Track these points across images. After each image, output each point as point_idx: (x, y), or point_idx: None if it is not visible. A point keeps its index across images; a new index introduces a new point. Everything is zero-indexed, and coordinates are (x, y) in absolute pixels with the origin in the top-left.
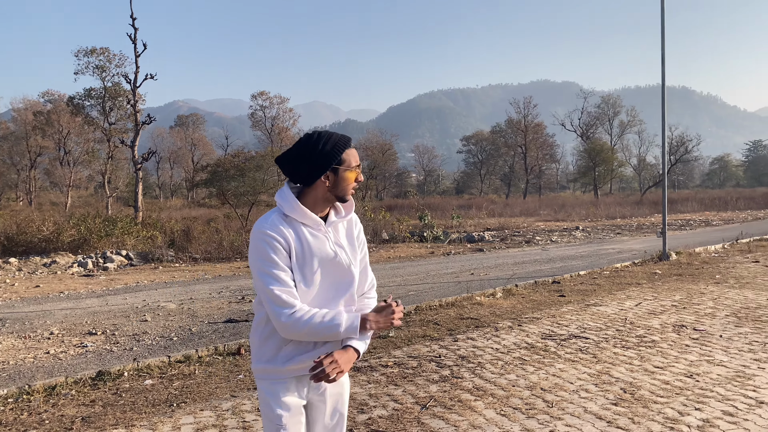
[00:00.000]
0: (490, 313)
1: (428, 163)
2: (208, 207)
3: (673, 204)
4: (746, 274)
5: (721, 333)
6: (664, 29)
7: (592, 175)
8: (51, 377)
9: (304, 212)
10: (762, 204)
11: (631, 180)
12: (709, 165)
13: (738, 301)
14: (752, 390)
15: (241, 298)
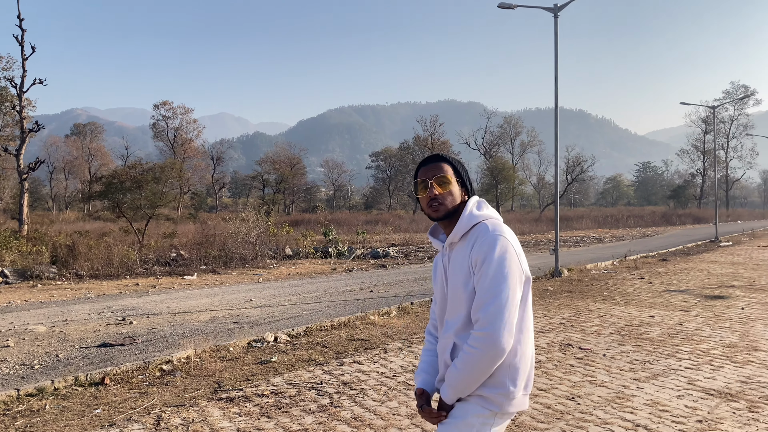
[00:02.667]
0: (382, 334)
1: (338, 178)
2: (103, 220)
3: (569, 221)
4: (632, 290)
5: (604, 352)
6: (557, 54)
7: (495, 193)
8: None
9: (432, 239)
10: (650, 222)
11: (531, 198)
12: (603, 184)
13: (622, 318)
14: (630, 412)
15: (122, 320)
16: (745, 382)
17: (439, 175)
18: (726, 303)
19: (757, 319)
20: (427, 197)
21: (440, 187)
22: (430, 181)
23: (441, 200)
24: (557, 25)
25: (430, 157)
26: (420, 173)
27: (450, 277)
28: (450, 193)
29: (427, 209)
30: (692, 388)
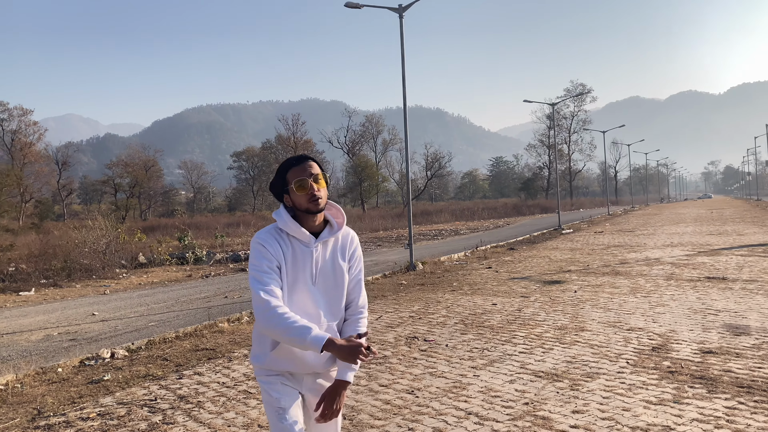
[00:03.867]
0: (229, 341)
1: (198, 180)
2: None
3: (429, 215)
4: (479, 280)
5: (447, 342)
6: (403, 53)
7: (359, 190)
8: None
9: (293, 226)
10: (503, 213)
11: (395, 194)
12: (461, 179)
13: (468, 307)
14: (464, 401)
15: None
16: (570, 362)
17: (317, 174)
18: (562, 287)
19: (586, 301)
20: (308, 194)
21: (317, 183)
22: (309, 180)
23: (321, 196)
24: (403, 25)
25: (301, 157)
26: (294, 172)
27: (324, 269)
28: (324, 190)
29: (307, 204)
30: (523, 372)
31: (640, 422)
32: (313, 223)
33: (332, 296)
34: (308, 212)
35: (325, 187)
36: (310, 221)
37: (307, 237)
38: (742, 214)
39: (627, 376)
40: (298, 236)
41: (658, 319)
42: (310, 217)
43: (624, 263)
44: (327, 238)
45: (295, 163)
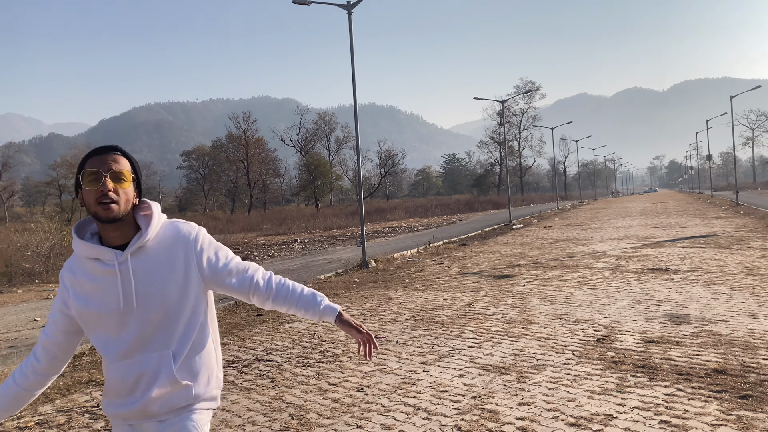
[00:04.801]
0: None
1: (147, 180)
2: None
3: (383, 213)
4: (431, 276)
5: (398, 338)
6: (353, 50)
7: (313, 188)
8: None
9: (79, 245)
10: (455, 210)
11: (349, 192)
12: (414, 176)
13: (419, 303)
14: (413, 396)
15: None
16: (517, 354)
17: (117, 170)
18: (511, 281)
19: (534, 294)
20: (97, 192)
21: (116, 182)
22: (105, 174)
23: (114, 199)
24: (351, 21)
25: (104, 147)
26: (91, 163)
27: (145, 287)
28: (125, 192)
29: (95, 207)
30: (472, 366)
31: (584, 412)
32: (116, 234)
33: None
34: (97, 218)
35: (130, 190)
36: (110, 234)
37: (105, 253)
38: (684, 207)
39: (572, 368)
40: (97, 256)
41: (603, 311)
42: (109, 229)
43: (572, 257)
44: (136, 245)
45: (97, 153)
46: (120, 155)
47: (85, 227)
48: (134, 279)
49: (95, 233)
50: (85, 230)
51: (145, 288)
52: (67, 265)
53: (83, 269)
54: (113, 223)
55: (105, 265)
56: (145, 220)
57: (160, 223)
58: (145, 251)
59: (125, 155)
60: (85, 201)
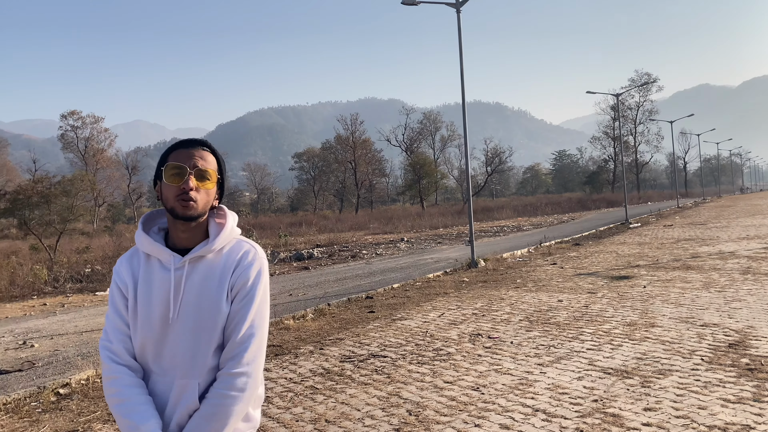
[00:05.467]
0: (295, 338)
1: (261, 182)
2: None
3: (490, 212)
4: (543, 276)
5: (512, 339)
6: (461, 48)
7: (418, 188)
8: None
9: (144, 240)
10: (567, 208)
11: (454, 191)
12: (522, 174)
13: (532, 304)
14: (531, 397)
15: (22, 343)
16: (640, 358)
17: (203, 168)
18: (630, 283)
19: (656, 296)
20: (178, 188)
21: (200, 181)
22: (190, 171)
23: (195, 198)
24: (460, 20)
25: (191, 141)
26: (175, 157)
27: (190, 299)
28: (207, 193)
29: (173, 202)
30: (592, 369)
31: (717, 421)
32: (186, 236)
33: (200, 341)
34: (173, 214)
35: (213, 191)
36: (179, 232)
37: (164, 254)
38: None
39: (702, 374)
40: (157, 255)
41: (734, 315)
42: (180, 227)
43: (696, 257)
44: (197, 252)
45: (181, 146)
46: (207, 151)
47: (152, 220)
48: (184, 290)
49: (162, 229)
50: (152, 224)
51: (195, 304)
52: (125, 258)
53: (141, 265)
54: (188, 221)
55: (162, 268)
56: (217, 228)
57: (231, 236)
58: (203, 261)
59: (213, 152)
60: (162, 195)
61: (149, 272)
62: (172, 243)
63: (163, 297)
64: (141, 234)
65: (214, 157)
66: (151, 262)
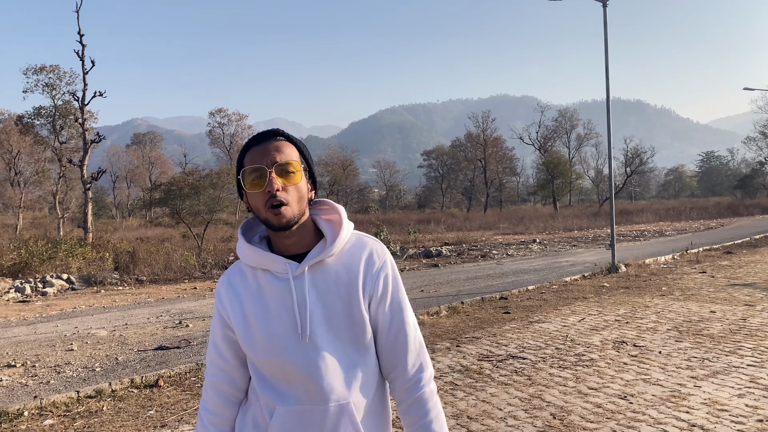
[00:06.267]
0: (431, 333)
1: (390, 179)
2: (164, 226)
3: (629, 215)
4: (692, 285)
5: (660, 349)
6: (607, 43)
7: (551, 188)
8: None
9: (249, 252)
10: (714, 214)
11: (589, 192)
12: (664, 176)
13: (681, 314)
14: (685, 411)
15: (178, 323)
16: None
17: (282, 161)
18: None
19: None
20: (264, 193)
21: (283, 177)
22: (269, 169)
23: (284, 200)
24: (606, 14)
25: (263, 134)
26: (250, 158)
27: (319, 310)
28: (297, 189)
29: (265, 212)
30: (754, 387)
31: None
32: (290, 242)
33: (342, 355)
34: (269, 226)
35: (303, 184)
36: (284, 241)
37: (278, 264)
38: None
39: None
40: (267, 266)
41: None
42: (281, 236)
43: None
44: (318, 257)
45: (255, 142)
46: (283, 140)
47: (252, 228)
48: (310, 300)
49: (265, 237)
50: (252, 232)
51: (326, 314)
52: (226, 277)
53: (247, 282)
54: (287, 230)
55: (276, 279)
56: (330, 227)
57: (348, 234)
58: (323, 266)
59: (289, 139)
60: (251, 206)
61: (259, 287)
62: (277, 251)
63: (285, 312)
64: (244, 245)
65: (292, 144)
66: (258, 276)
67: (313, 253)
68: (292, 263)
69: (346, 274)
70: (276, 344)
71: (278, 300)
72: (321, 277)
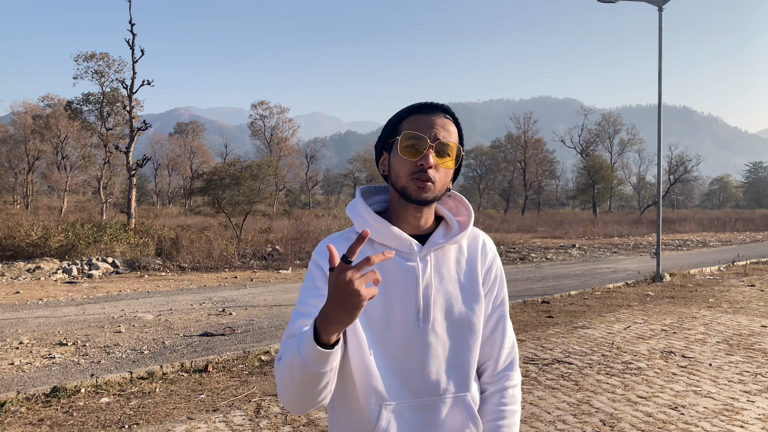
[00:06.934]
0: None
1: None
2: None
3: (671, 224)
4: (741, 298)
5: (710, 361)
6: (661, 48)
7: (591, 193)
8: (5, 391)
9: (376, 223)
10: (761, 226)
11: (630, 198)
12: (709, 185)
13: (730, 327)
14: (740, 426)
15: (221, 311)
16: None
17: (445, 141)
18: None
19: None
20: (414, 164)
21: (440, 157)
22: (431, 144)
23: (434, 178)
24: (662, 18)
25: (430, 105)
26: (413, 124)
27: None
28: (446, 173)
29: (406, 180)
30: None
31: None
32: (416, 222)
33: (460, 346)
34: (404, 196)
35: (451, 169)
36: (410, 217)
37: (404, 241)
38: None
39: None
40: (389, 242)
41: None
42: (411, 211)
43: None
44: (442, 243)
45: (421, 110)
46: (450, 120)
47: (367, 197)
48: (434, 284)
49: (380, 211)
50: (368, 201)
51: (446, 301)
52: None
53: (363, 256)
54: (421, 205)
55: (400, 258)
56: (456, 213)
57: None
58: (444, 251)
59: (456, 122)
60: (392, 170)
61: (381, 263)
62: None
63: (406, 294)
64: (371, 215)
65: (456, 128)
66: (376, 251)
67: (437, 237)
68: (418, 244)
69: (466, 263)
70: (394, 327)
71: (400, 280)
72: (443, 262)
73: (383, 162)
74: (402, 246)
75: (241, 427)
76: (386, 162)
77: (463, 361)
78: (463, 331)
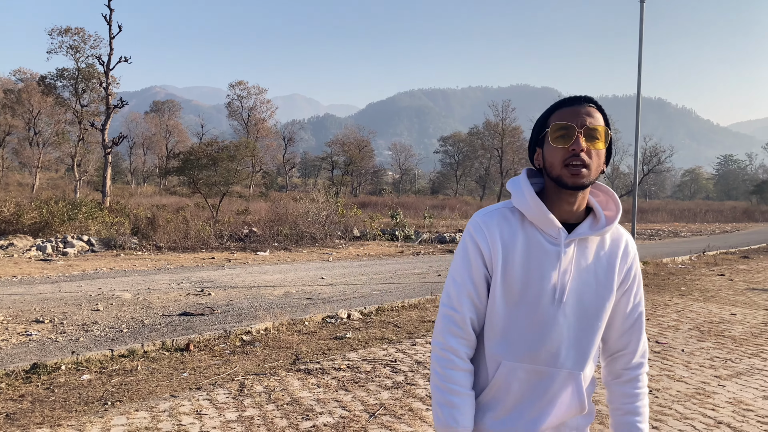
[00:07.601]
0: None
1: (405, 162)
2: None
3: (643, 213)
4: (711, 287)
5: (683, 347)
6: (641, 41)
7: None
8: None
9: (535, 206)
10: (730, 217)
11: None
12: (681, 177)
13: (701, 314)
14: (711, 408)
15: (200, 291)
16: None
17: (592, 126)
18: None
19: None
20: (566, 150)
21: (589, 141)
22: (579, 129)
23: (587, 162)
24: (643, 10)
25: (575, 98)
26: (560, 114)
27: (576, 283)
28: (598, 155)
29: (560, 169)
30: None
31: None
32: (569, 208)
33: (585, 329)
34: (560, 184)
35: (603, 153)
36: (564, 203)
37: (553, 227)
38: None
39: None
40: (540, 224)
41: None
42: (565, 197)
43: None
44: (587, 234)
45: (566, 103)
46: (594, 108)
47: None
48: (573, 271)
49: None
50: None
51: (579, 288)
52: (497, 215)
53: (513, 230)
54: (577, 190)
55: (546, 241)
56: (602, 206)
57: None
58: (587, 242)
59: (600, 109)
60: (546, 161)
61: (528, 242)
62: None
63: (546, 274)
64: (532, 196)
65: (605, 118)
66: (527, 229)
67: (584, 228)
68: (564, 231)
69: (606, 258)
70: (529, 301)
71: (542, 261)
72: (584, 252)
73: (537, 157)
74: (551, 230)
75: (225, 405)
76: (540, 156)
77: (585, 344)
78: (590, 318)
